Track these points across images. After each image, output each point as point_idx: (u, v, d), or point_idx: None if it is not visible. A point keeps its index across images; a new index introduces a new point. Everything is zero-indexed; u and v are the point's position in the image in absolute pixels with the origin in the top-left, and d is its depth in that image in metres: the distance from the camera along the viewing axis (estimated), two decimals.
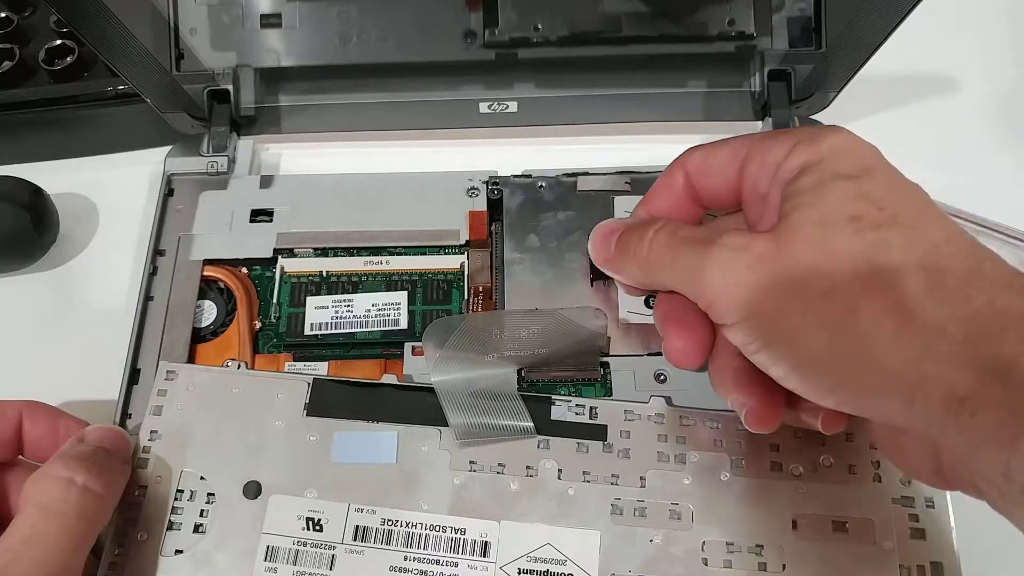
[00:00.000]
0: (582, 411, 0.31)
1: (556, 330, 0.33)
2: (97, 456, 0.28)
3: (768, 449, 0.30)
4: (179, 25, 0.39)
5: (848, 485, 0.29)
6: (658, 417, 0.31)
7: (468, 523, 0.29)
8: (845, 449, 0.30)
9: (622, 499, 0.29)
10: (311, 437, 0.31)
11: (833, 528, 0.29)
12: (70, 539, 0.25)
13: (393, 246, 0.37)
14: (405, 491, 0.30)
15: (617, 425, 0.31)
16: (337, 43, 0.40)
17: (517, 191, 0.38)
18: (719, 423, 0.31)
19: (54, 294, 0.38)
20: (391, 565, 0.29)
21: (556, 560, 0.29)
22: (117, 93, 0.40)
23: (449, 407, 0.30)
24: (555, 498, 0.29)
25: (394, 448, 0.30)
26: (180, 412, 0.31)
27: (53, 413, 0.30)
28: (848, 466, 0.30)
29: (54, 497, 0.26)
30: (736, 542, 0.29)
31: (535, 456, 0.30)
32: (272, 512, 0.29)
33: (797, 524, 0.29)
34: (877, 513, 0.29)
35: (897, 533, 0.29)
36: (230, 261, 0.37)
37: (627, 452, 0.30)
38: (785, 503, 0.29)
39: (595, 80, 0.40)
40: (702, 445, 0.30)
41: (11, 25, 0.42)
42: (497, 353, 0.32)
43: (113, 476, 0.28)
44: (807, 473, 0.30)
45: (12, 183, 0.37)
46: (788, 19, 0.39)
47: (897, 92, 0.43)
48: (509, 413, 0.30)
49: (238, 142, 0.40)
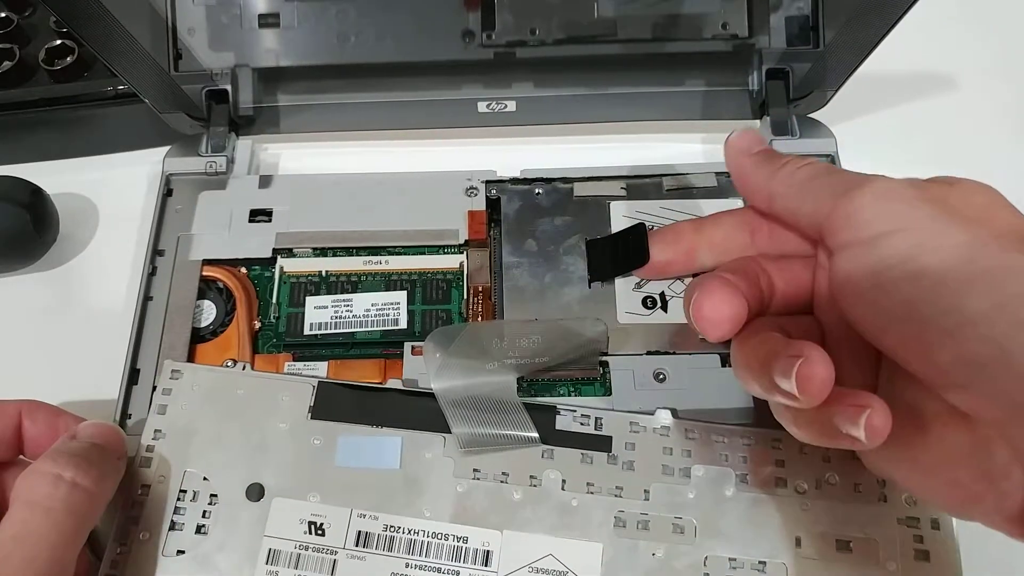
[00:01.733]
0: (587, 422, 0.31)
1: (556, 339, 0.33)
2: (88, 452, 0.27)
3: (773, 464, 0.30)
4: (177, 25, 0.39)
5: (853, 504, 0.29)
6: (663, 429, 0.31)
7: (470, 531, 0.29)
8: (851, 467, 0.29)
9: (625, 511, 0.29)
10: (315, 440, 0.31)
11: (837, 547, 0.29)
12: (59, 536, 0.25)
13: (392, 246, 0.37)
14: (408, 497, 0.30)
15: (622, 437, 0.31)
16: (335, 43, 0.40)
17: (514, 197, 0.38)
18: (725, 437, 0.30)
19: (54, 294, 0.38)
20: (392, 572, 0.29)
21: (558, 571, 0.28)
22: (117, 93, 0.40)
23: (452, 417, 0.30)
24: (558, 509, 0.29)
25: (398, 454, 0.30)
26: (184, 412, 0.31)
27: (53, 412, 0.30)
28: (853, 484, 0.29)
29: (42, 494, 0.26)
30: (739, 558, 0.29)
31: (539, 466, 0.30)
32: (274, 515, 0.29)
33: (801, 542, 0.29)
34: (882, 533, 0.29)
35: (901, 554, 0.28)
36: (229, 261, 0.37)
37: (631, 464, 0.30)
38: (789, 520, 0.29)
39: (594, 79, 0.40)
40: (707, 459, 0.30)
41: (11, 25, 0.42)
42: (498, 362, 0.32)
43: (105, 472, 0.27)
44: (812, 490, 0.29)
45: (12, 183, 0.37)
46: (786, 18, 0.39)
47: (895, 90, 0.43)
48: (513, 424, 0.30)
49: (237, 142, 0.40)
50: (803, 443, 0.27)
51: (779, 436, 0.30)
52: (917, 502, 0.29)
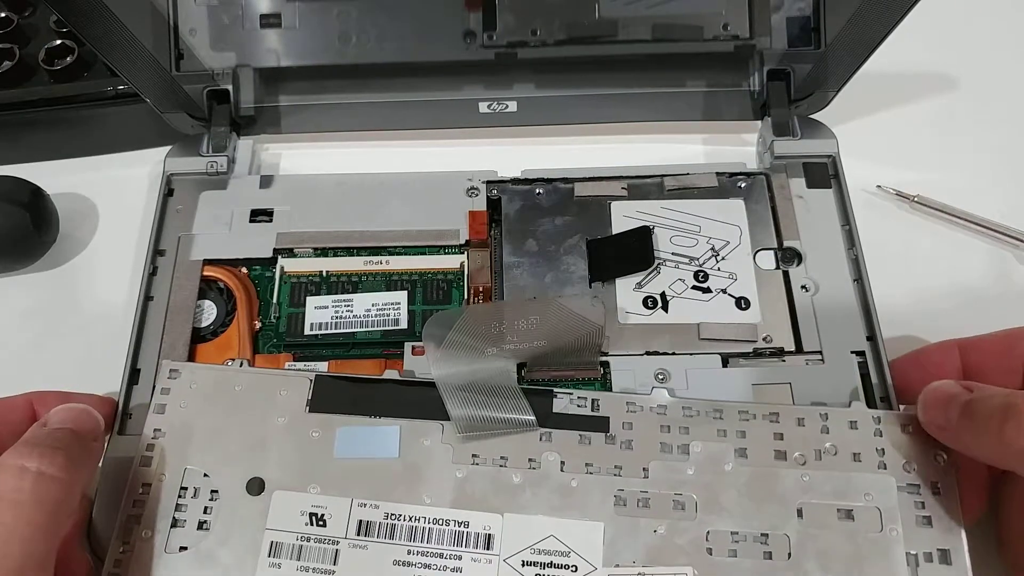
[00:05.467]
0: (584, 403, 0.31)
1: (554, 319, 0.32)
2: (53, 439, 0.27)
3: (772, 437, 0.30)
4: (179, 25, 0.39)
5: (853, 473, 0.29)
6: (660, 408, 0.31)
7: (471, 516, 0.29)
8: (849, 436, 0.30)
9: (625, 490, 0.29)
10: (313, 433, 0.31)
11: (839, 516, 0.29)
12: (31, 528, 0.24)
13: (393, 246, 0.37)
14: (408, 485, 0.30)
15: (619, 417, 0.31)
16: (337, 43, 0.40)
17: (515, 197, 0.38)
18: (722, 413, 0.31)
19: (54, 294, 0.38)
20: (395, 559, 0.29)
21: (560, 552, 0.29)
22: (117, 93, 0.40)
23: (450, 401, 0.30)
24: (558, 490, 0.30)
25: (396, 442, 0.30)
26: (183, 410, 0.31)
27: (63, 396, 0.30)
28: (853, 453, 0.30)
29: (9, 487, 0.25)
30: (741, 531, 0.29)
31: (537, 448, 0.30)
32: (275, 508, 0.29)
33: (802, 512, 0.29)
34: (883, 500, 0.29)
35: (903, 520, 0.28)
36: (230, 261, 0.37)
37: (629, 443, 0.30)
38: (790, 491, 0.29)
39: (595, 80, 0.40)
40: (705, 435, 0.30)
41: (11, 25, 0.42)
42: (496, 346, 0.32)
43: (76, 457, 0.26)
44: (812, 461, 0.29)
45: (12, 183, 0.37)
46: (787, 18, 0.39)
47: (896, 91, 0.43)
48: (510, 408, 0.30)
49: (238, 142, 0.40)
50: (800, 416, 0.29)
51: (776, 410, 0.30)
52: (916, 468, 0.29)
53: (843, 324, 0.34)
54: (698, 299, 0.35)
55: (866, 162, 0.40)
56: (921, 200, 0.39)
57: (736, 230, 0.37)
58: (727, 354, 0.34)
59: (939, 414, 0.28)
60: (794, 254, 0.36)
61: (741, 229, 0.37)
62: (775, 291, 0.35)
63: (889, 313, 0.34)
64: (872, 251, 0.36)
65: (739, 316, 0.34)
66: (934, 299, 0.37)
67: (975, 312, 0.33)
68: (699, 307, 0.35)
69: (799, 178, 0.38)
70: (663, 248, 0.36)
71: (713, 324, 0.34)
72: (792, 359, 0.33)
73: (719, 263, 0.36)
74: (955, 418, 0.27)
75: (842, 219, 0.37)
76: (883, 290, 0.35)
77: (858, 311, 0.34)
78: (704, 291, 0.35)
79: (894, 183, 0.39)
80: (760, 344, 0.34)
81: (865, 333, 0.34)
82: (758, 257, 0.36)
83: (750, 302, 0.35)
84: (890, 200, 0.40)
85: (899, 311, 0.35)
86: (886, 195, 0.40)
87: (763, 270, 0.36)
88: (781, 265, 0.36)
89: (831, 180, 0.38)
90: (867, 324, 0.34)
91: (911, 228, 0.39)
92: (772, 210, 0.37)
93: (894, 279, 0.36)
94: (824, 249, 0.36)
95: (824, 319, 0.34)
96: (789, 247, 0.36)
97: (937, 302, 0.37)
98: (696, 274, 0.35)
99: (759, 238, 0.36)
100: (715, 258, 0.36)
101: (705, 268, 0.36)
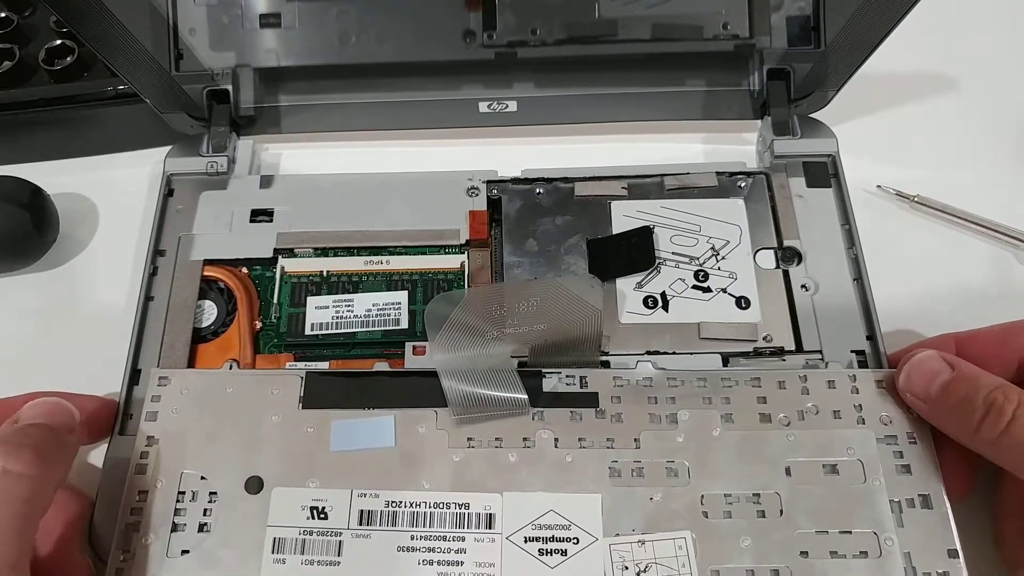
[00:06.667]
0: (572, 381, 0.32)
1: (553, 300, 0.33)
2: (21, 435, 0.26)
3: (755, 402, 0.31)
4: (178, 25, 0.39)
5: (835, 429, 0.30)
6: (646, 380, 0.31)
7: (471, 498, 0.29)
8: (828, 396, 0.31)
9: (619, 461, 0.30)
10: (308, 429, 0.31)
11: (824, 471, 0.30)
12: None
13: (393, 246, 0.37)
14: (406, 472, 0.30)
15: (607, 391, 0.31)
16: (336, 43, 0.40)
17: (516, 196, 0.38)
18: (706, 382, 0.31)
19: (54, 294, 0.38)
20: (399, 545, 0.29)
21: (560, 525, 0.29)
22: (117, 93, 0.40)
23: (445, 377, 0.31)
24: (554, 466, 0.30)
25: (392, 432, 0.31)
26: (176, 416, 0.31)
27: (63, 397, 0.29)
28: (832, 411, 0.31)
29: None
30: (734, 493, 0.29)
31: (531, 428, 0.31)
32: (275, 505, 0.29)
33: (790, 470, 0.30)
34: (864, 453, 0.30)
35: (885, 470, 0.30)
36: (230, 261, 0.37)
37: (619, 416, 0.31)
38: (777, 452, 0.30)
39: (595, 79, 0.40)
40: (691, 404, 0.31)
41: (11, 25, 0.42)
42: (497, 329, 0.32)
43: (46, 452, 0.26)
44: (796, 421, 0.31)
45: (12, 183, 0.37)
46: (787, 18, 0.39)
47: (896, 90, 0.43)
48: (504, 385, 0.31)
49: (238, 142, 0.40)
50: (781, 379, 0.31)
51: (757, 375, 0.31)
52: (893, 420, 0.30)
53: (843, 323, 0.34)
54: (698, 299, 0.35)
55: (866, 161, 0.40)
56: (921, 200, 0.39)
57: (736, 229, 0.37)
58: (727, 353, 0.34)
59: (920, 387, 0.29)
60: (794, 253, 0.36)
61: (741, 228, 0.37)
62: (775, 290, 0.35)
63: (889, 313, 0.34)
64: (872, 251, 0.36)
65: (739, 315, 0.34)
66: (934, 299, 0.37)
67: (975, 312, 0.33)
68: (699, 307, 0.35)
69: (799, 177, 0.38)
70: (663, 248, 0.36)
71: (713, 324, 0.34)
72: (792, 358, 0.34)
73: (719, 263, 0.36)
74: (934, 395, 0.29)
75: (842, 218, 0.37)
76: (883, 290, 0.35)
77: (858, 310, 0.34)
78: (704, 291, 0.35)
79: (894, 183, 0.39)
80: (760, 343, 0.34)
81: (865, 332, 0.34)
82: (758, 256, 0.36)
83: (750, 301, 0.35)
84: (890, 200, 0.40)
85: (899, 311, 0.35)
86: (886, 195, 0.40)
87: (763, 269, 0.36)
88: (781, 264, 0.36)
89: (831, 179, 0.38)
90: (867, 323, 0.34)
91: (911, 228, 0.39)
92: (772, 209, 0.37)
93: (894, 279, 0.36)
94: (824, 248, 0.36)
95: (824, 318, 0.34)
96: (789, 246, 0.36)
97: (937, 302, 0.37)
98: (696, 274, 0.35)
99: (759, 237, 0.36)
100: (715, 257, 0.36)
101: (705, 268, 0.36)
